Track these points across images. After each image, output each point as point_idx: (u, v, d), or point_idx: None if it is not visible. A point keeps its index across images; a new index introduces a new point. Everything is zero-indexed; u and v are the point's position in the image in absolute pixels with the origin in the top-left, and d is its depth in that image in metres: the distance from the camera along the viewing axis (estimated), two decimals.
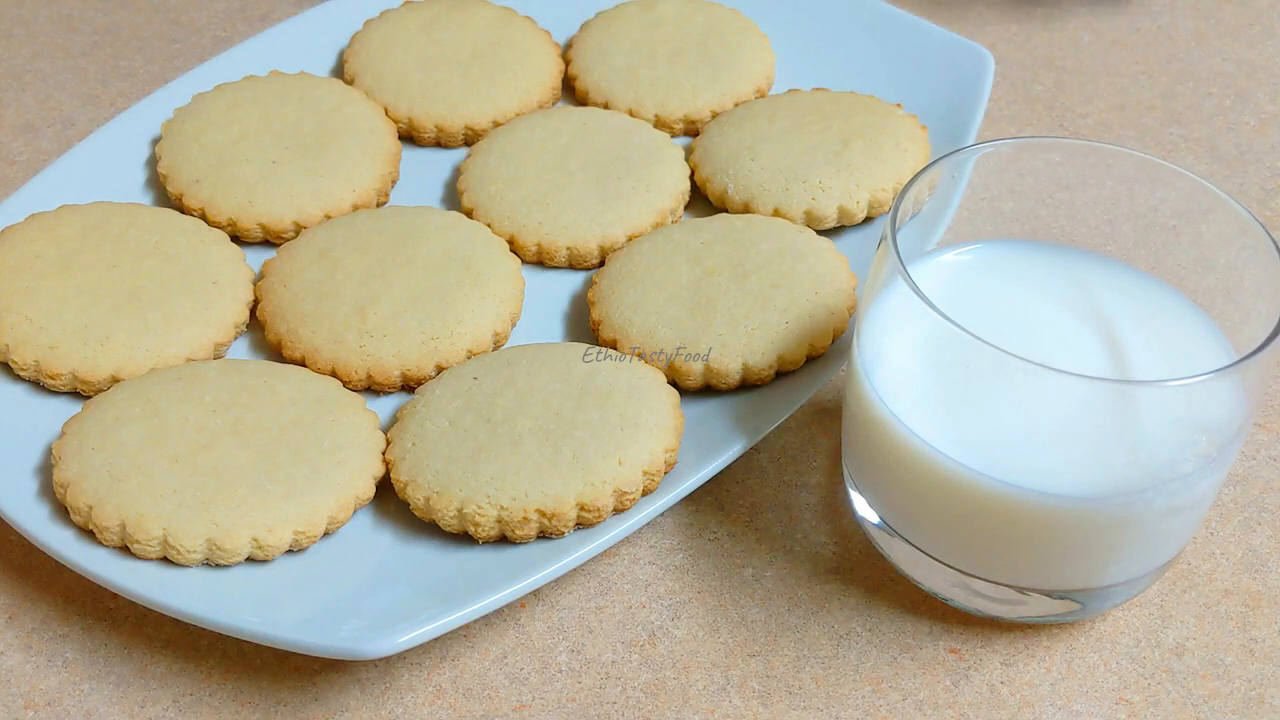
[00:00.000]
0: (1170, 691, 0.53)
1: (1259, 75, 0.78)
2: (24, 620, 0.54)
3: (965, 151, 0.54)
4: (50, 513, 0.54)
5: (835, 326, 0.60)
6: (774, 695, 0.52)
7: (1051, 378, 0.46)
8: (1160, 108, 0.76)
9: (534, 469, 0.53)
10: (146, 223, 0.62)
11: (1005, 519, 0.50)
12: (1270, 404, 0.62)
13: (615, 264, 0.63)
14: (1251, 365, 0.48)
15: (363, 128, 0.68)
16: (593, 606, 0.55)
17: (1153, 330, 0.53)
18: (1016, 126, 0.75)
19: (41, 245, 0.61)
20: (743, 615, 0.55)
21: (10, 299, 0.59)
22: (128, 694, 0.52)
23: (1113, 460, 0.48)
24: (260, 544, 0.52)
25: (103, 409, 0.55)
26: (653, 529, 0.57)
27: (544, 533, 0.53)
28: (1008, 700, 0.52)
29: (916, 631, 0.54)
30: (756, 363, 0.58)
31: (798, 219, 0.65)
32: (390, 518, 0.55)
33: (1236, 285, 0.52)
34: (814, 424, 0.61)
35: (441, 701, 0.52)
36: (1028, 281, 0.54)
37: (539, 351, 0.58)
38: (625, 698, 0.52)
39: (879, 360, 0.52)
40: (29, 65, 0.78)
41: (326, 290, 0.61)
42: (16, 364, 0.58)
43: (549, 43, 0.74)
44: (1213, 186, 0.52)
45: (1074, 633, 0.54)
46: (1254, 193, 0.71)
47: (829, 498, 0.58)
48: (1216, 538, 0.57)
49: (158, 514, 0.52)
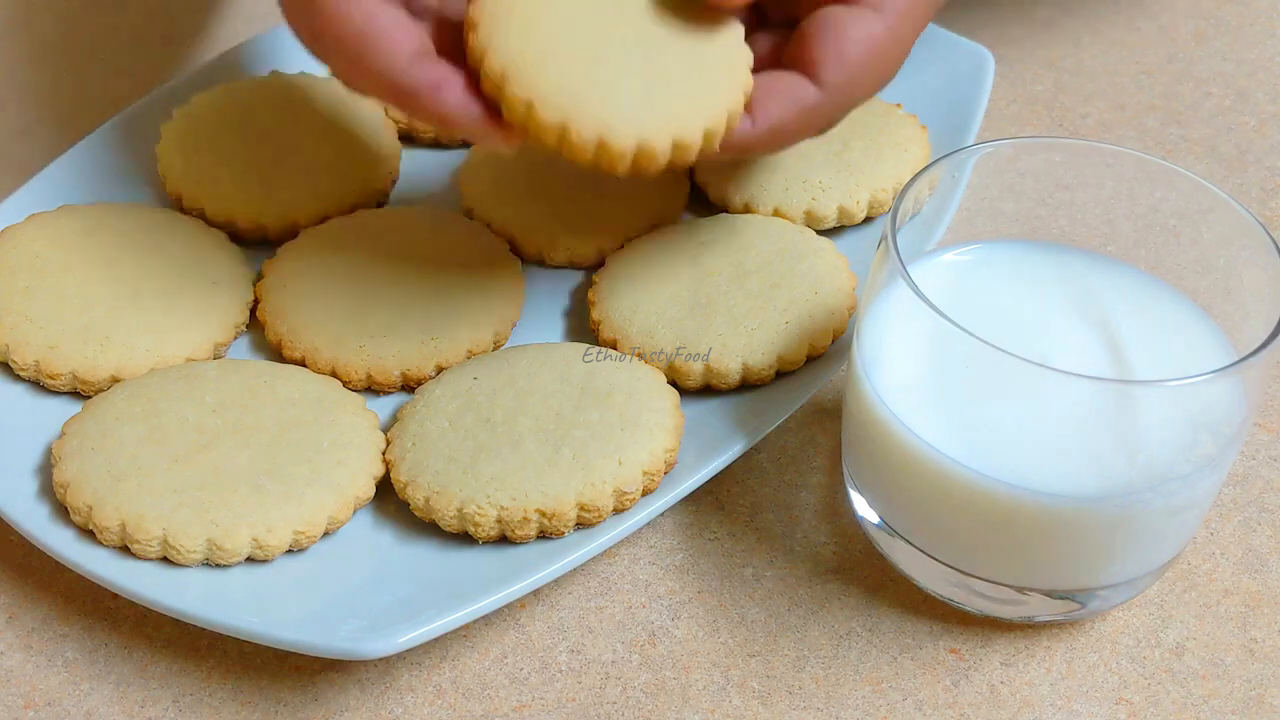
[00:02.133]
0: (1170, 691, 0.53)
1: (1259, 75, 0.78)
2: (24, 620, 0.54)
3: (965, 151, 0.54)
4: (50, 513, 0.54)
5: (835, 327, 0.60)
6: (774, 695, 0.52)
7: (1051, 378, 0.46)
8: (1160, 108, 0.76)
9: (534, 469, 0.53)
10: (146, 223, 0.62)
11: (1005, 519, 0.50)
12: (1270, 404, 0.62)
13: (615, 264, 0.62)
14: (1251, 365, 0.48)
15: (363, 127, 0.68)
16: (593, 606, 0.55)
17: (1153, 330, 0.53)
18: (1016, 126, 0.75)
19: (41, 245, 0.61)
20: (743, 615, 0.55)
21: (10, 299, 0.59)
22: (128, 694, 0.52)
23: (1113, 460, 0.48)
24: (260, 544, 0.52)
25: (102, 409, 0.55)
26: (653, 529, 0.57)
27: (544, 533, 0.53)
28: (1008, 700, 0.52)
29: (916, 631, 0.54)
30: (756, 363, 0.58)
31: (798, 219, 0.65)
32: (390, 518, 0.55)
33: (1236, 285, 0.52)
34: (814, 424, 0.61)
35: (441, 701, 0.52)
36: (1028, 281, 0.54)
37: (539, 351, 0.58)
38: (625, 698, 0.52)
39: (879, 360, 0.52)
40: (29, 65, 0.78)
41: (326, 290, 0.61)
42: (16, 364, 0.58)
43: None
44: (1213, 186, 0.52)
45: (1074, 633, 0.54)
46: (1254, 193, 0.71)
47: (829, 498, 0.58)
48: (1216, 538, 0.57)
49: (157, 514, 0.52)
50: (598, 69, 0.52)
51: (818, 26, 0.54)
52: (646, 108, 0.52)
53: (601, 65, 0.52)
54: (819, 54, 0.54)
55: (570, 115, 0.51)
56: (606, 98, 0.51)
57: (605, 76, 0.52)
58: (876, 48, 0.54)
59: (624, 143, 0.51)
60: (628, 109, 0.51)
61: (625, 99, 0.51)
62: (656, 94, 0.52)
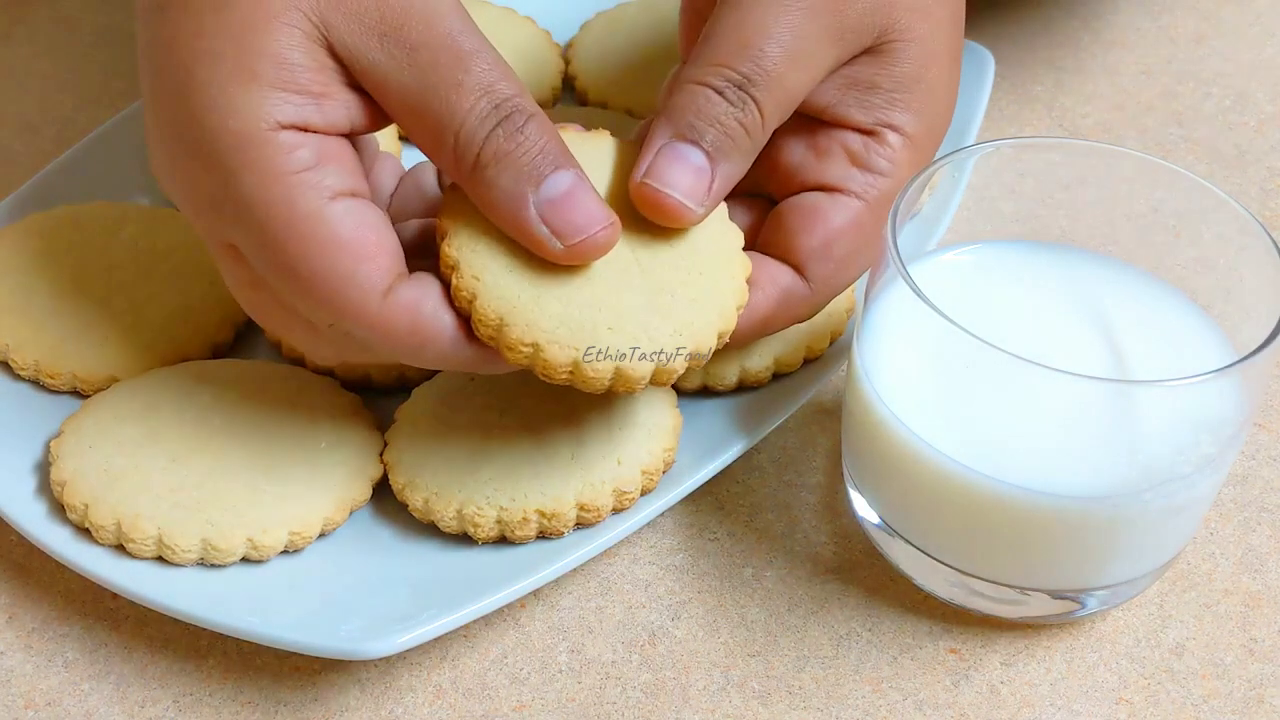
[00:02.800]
0: (1170, 691, 0.53)
1: (1259, 75, 0.78)
2: (24, 620, 0.54)
3: (965, 151, 0.54)
4: (48, 510, 0.54)
5: (833, 329, 0.60)
6: (774, 695, 0.52)
7: (1051, 378, 0.46)
8: (1160, 108, 0.76)
9: (533, 469, 0.53)
10: (146, 222, 0.62)
11: (1005, 519, 0.50)
12: (1270, 404, 0.62)
13: None
14: (1251, 365, 0.48)
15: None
16: (593, 606, 0.55)
17: (1153, 330, 0.53)
18: (1016, 126, 0.75)
19: (41, 245, 0.61)
20: (743, 615, 0.55)
21: (10, 298, 0.59)
22: (128, 694, 0.52)
23: (1113, 460, 0.48)
24: (255, 545, 0.52)
25: (101, 408, 0.55)
26: (653, 529, 0.57)
27: (543, 533, 0.53)
28: (1008, 700, 0.52)
29: (916, 631, 0.54)
30: (753, 365, 0.58)
31: None
32: (389, 518, 0.55)
33: (1236, 285, 0.52)
34: (814, 424, 0.61)
35: (441, 701, 0.52)
36: (1028, 281, 0.54)
37: None
38: (625, 698, 0.52)
39: (879, 360, 0.52)
40: (29, 65, 0.78)
41: None
42: (16, 364, 0.58)
43: (549, 43, 0.74)
44: (1213, 186, 0.52)
45: (1074, 633, 0.54)
46: (1254, 193, 0.71)
47: (829, 498, 0.58)
48: (1216, 538, 0.57)
49: (153, 513, 0.52)
50: (595, 293, 0.49)
51: (798, 216, 0.52)
52: (659, 327, 0.49)
53: (598, 287, 0.49)
54: (803, 246, 0.52)
55: (578, 354, 0.48)
56: (615, 324, 0.49)
57: (607, 300, 0.49)
58: (861, 237, 0.52)
59: (639, 369, 0.49)
60: (639, 332, 0.49)
61: (633, 321, 0.49)
62: (663, 307, 0.49)
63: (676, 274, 0.50)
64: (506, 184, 0.47)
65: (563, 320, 0.48)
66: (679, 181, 0.49)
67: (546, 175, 0.48)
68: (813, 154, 0.53)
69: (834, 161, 0.53)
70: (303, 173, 0.47)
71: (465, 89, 0.47)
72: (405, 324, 0.47)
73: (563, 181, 0.48)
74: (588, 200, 0.48)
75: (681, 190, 0.49)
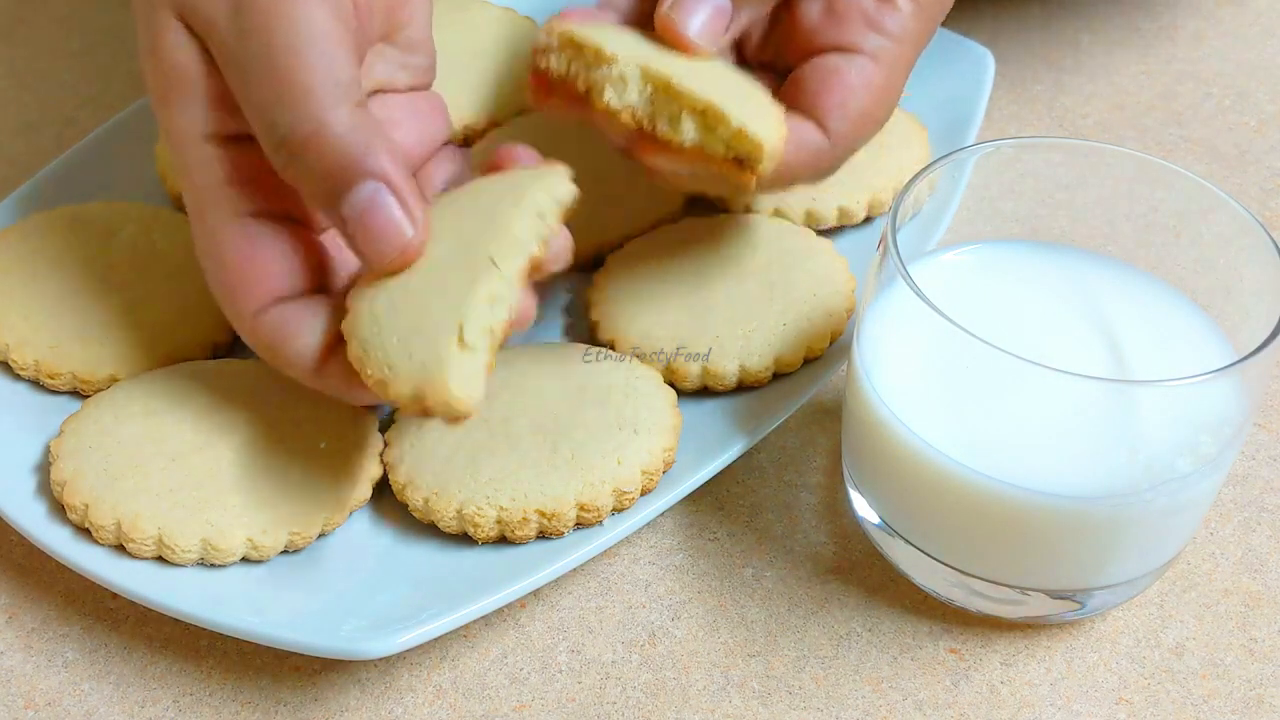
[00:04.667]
0: (1170, 691, 0.53)
1: (1259, 75, 0.78)
2: (24, 620, 0.54)
3: (965, 151, 0.54)
4: (48, 510, 0.54)
5: (833, 329, 0.60)
6: (774, 695, 0.52)
7: (1051, 378, 0.46)
8: (1160, 108, 0.76)
9: (533, 469, 0.53)
10: (146, 222, 0.62)
11: (1005, 519, 0.50)
12: (1270, 404, 0.62)
13: (615, 264, 0.62)
14: (1251, 365, 0.48)
15: None
16: (593, 606, 0.55)
17: (1153, 330, 0.53)
18: (1016, 126, 0.75)
19: (41, 245, 0.61)
20: (743, 615, 0.55)
21: (10, 299, 0.59)
22: (128, 694, 0.52)
23: (1113, 460, 0.48)
24: (255, 545, 0.52)
25: (101, 408, 0.55)
26: (653, 529, 0.57)
27: (543, 533, 0.53)
28: (1008, 700, 0.52)
29: (916, 631, 0.54)
30: (753, 365, 0.58)
31: (798, 219, 0.65)
32: (389, 518, 0.55)
33: (1236, 285, 0.52)
34: (814, 424, 0.61)
35: (441, 701, 0.52)
36: (1028, 281, 0.54)
37: (537, 352, 0.58)
38: (625, 698, 0.52)
39: (879, 360, 0.52)
40: (29, 65, 0.78)
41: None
42: (16, 364, 0.58)
43: None
44: (1213, 186, 0.52)
45: (1074, 633, 0.54)
46: (1254, 193, 0.71)
47: (829, 498, 0.58)
48: (1216, 538, 0.57)
49: (153, 513, 0.52)
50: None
51: (819, 76, 0.55)
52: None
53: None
54: (824, 104, 0.55)
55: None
56: None
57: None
58: (877, 95, 0.55)
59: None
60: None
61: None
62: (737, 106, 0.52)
63: (730, 89, 0.53)
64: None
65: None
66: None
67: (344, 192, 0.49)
68: (830, 17, 0.56)
69: (849, 24, 0.56)
70: (215, 187, 0.51)
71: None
72: (265, 344, 0.51)
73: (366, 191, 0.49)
74: (393, 210, 0.50)
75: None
